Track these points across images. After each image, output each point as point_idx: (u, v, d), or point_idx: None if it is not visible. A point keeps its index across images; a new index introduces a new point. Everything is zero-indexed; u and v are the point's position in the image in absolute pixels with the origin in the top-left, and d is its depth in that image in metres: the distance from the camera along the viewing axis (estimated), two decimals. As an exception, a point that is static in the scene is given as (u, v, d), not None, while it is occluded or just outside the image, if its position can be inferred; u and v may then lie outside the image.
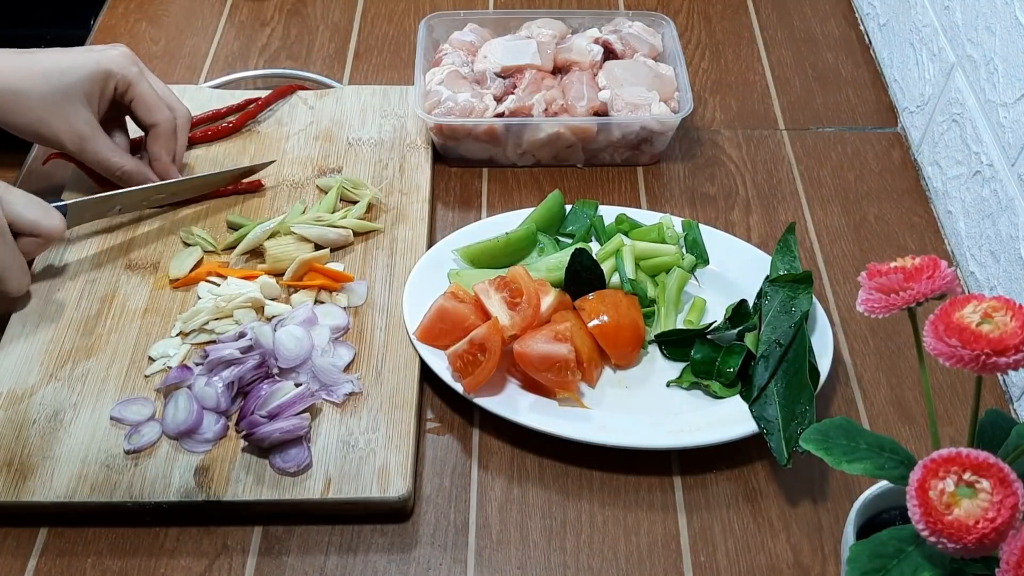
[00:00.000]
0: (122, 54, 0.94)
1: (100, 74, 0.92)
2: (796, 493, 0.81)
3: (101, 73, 0.92)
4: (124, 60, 0.94)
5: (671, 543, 0.78)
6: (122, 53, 0.94)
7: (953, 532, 0.52)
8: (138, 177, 0.97)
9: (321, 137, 1.07)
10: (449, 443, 0.84)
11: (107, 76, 0.93)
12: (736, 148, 1.10)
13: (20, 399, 0.83)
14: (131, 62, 0.95)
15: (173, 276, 0.92)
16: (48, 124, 0.91)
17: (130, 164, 0.96)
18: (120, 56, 0.94)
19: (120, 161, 0.96)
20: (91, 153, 0.94)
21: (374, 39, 1.24)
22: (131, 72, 0.94)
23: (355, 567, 0.76)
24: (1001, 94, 0.92)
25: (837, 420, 0.63)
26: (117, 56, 0.94)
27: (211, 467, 0.79)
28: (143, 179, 0.97)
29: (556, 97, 1.04)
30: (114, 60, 0.93)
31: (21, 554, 0.77)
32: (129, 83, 0.94)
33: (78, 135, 0.93)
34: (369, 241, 0.97)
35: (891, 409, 0.87)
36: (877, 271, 0.60)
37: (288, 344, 0.84)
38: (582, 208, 0.99)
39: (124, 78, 0.94)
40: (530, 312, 0.84)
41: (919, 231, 1.02)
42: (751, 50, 1.23)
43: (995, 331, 0.55)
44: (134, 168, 0.97)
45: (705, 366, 0.85)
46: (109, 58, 0.93)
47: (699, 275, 0.94)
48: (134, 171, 0.96)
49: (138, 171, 0.97)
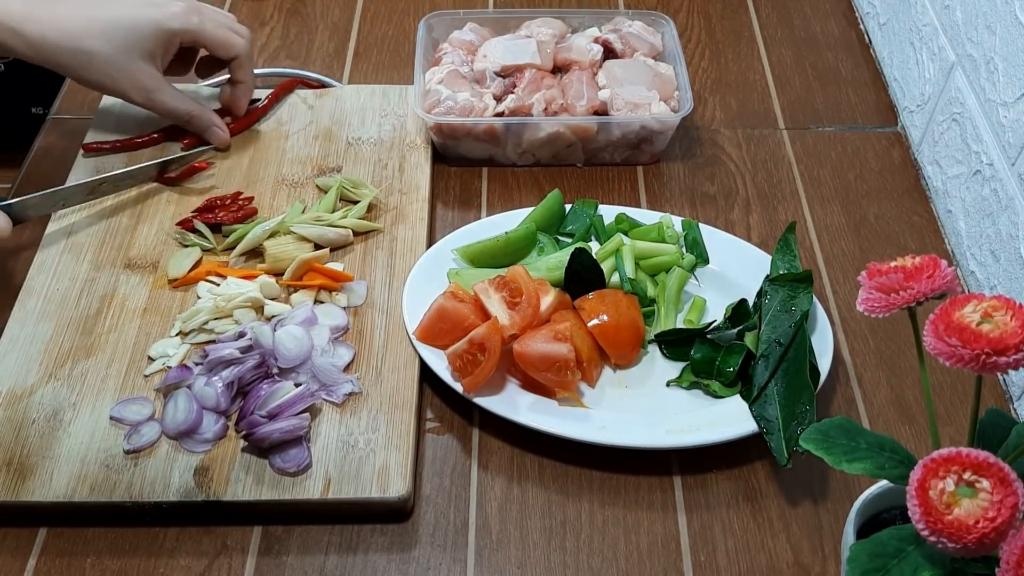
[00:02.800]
0: (182, 10, 0.96)
1: (163, 34, 0.95)
2: (796, 493, 0.81)
3: (164, 33, 0.95)
4: (184, 15, 0.96)
5: (671, 543, 0.78)
6: (182, 9, 0.96)
7: (953, 532, 0.52)
8: (205, 120, 1.02)
9: (321, 137, 1.07)
10: (449, 443, 0.84)
11: (170, 36, 0.96)
12: (736, 147, 1.10)
13: (20, 399, 0.83)
14: (192, 12, 0.97)
15: (172, 276, 0.92)
16: (114, 80, 0.95)
17: (196, 108, 1.01)
18: (180, 13, 0.96)
19: (186, 107, 1.01)
20: (159, 104, 0.99)
21: (374, 38, 1.23)
22: (192, 23, 0.97)
23: (355, 567, 0.76)
24: (1001, 93, 0.92)
25: (837, 420, 0.63)
26: (177, 13, 0.96)
27: (211, 467, 0.79)
28: (209, 122, 1.02)
29: (556, 96, 1.04)
30: (174, 18, 0.96)
31: (21, 554, 0.77)
32: (194, 34, 0.97)
33: (144, 89, 0.97)
34: (369, 241, 0.97)
35: (891, 409, 0.87)
36: (877, 271, 0.60)
37: (288, 344, 0.84)
38: (582, 208, 0.99)
39: (188, 32, 0.97)
40: (530, 312, 0.84)
41: (919, 230, 1.02)
42: (751, 49, 1.23)
43: (995, 331, 0.55)
44: (200, 111, 1.02)
45: (705, 366, 0.85)
46: (168, 16, 0.95)
47: (699, 275, 0.94)
48: (201, 114, 1.02)
49: (205, 114, 1.02)
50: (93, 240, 0.96)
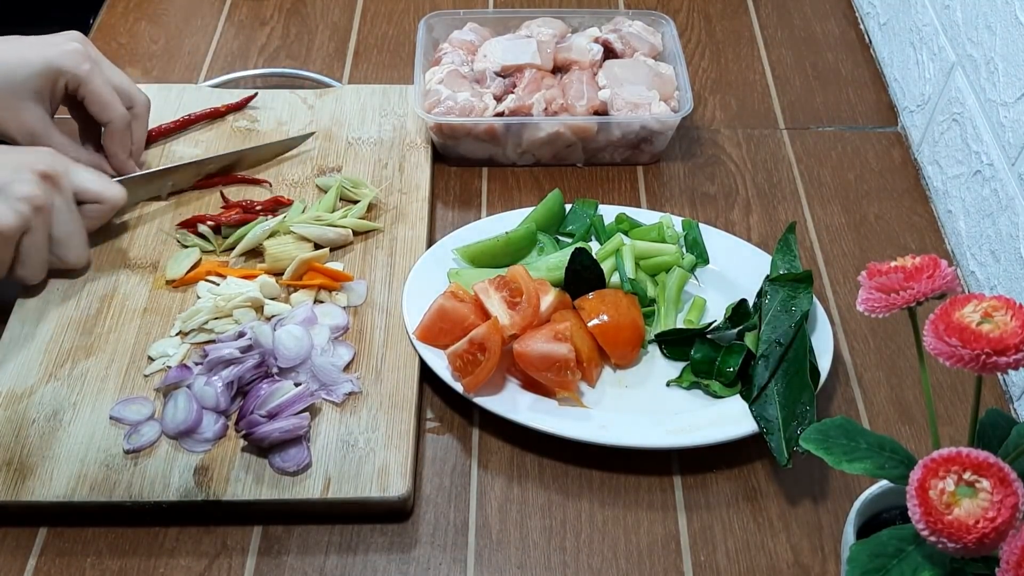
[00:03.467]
0: (74, 50, 0.91)
1: (50, 72, 0.90)
2: (796, 493, 0.81)
3: (51, 71, 0.90)
4: (76, 57, 0.91)
5: (671, 543, 0.78)
6: (74, 49, 0.91)
7: (953, 532, 0.52)
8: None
9: (321, 136, 1.07)
10: (449, 443, 0.84)
11: (57, 74, 0.90)
12: (736, 147, 1.10)
13: (20, 399, 0.83)
14: (83, 58, 0.91)
15: (170, 277, 0.92)
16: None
17: (83, 157, 0.95)
18: (72, 53, 0.90)
19: (72, 155, 0.93)
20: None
21: (374, 38, 1.23)
22: (82, 70, 0.91)
23: (355, 567, 0.76)
24: (1001, 93, 0.92)
25: (837, 420, 0.63)
26: (69, 52, 0.90)
27: (211, 467, 0.79)
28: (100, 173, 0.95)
29: (556, 96, 1.04)
30: (65, 56, 0.90)
31: (21, 554, 0.77)
32: (80, 81, 0.91)
33: (29, 132, 0.91)
34: (369, 240, 0.97)
35: (891, 409, 0.87)
36: (877, 271, 0.60)
37: (288, 343, 0.84)
38: (582, 207, 0.99)
39: (74, 76, 0.91)
40: (530, 312, 0.84)
41: (919, 231, 1.02)
42: (751, 49, 1.23)
43: (995, 331, 0.55)
44: (89, 162, 0.95)
45: (705, 366, 0.85)
46: (60, 54, 0.90)
47: (699, 275, 0.94)
48: (89, 165, 0.94)
49: (95, 165, 0.95)
50: (93, 240, 0.96)
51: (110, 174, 0.96)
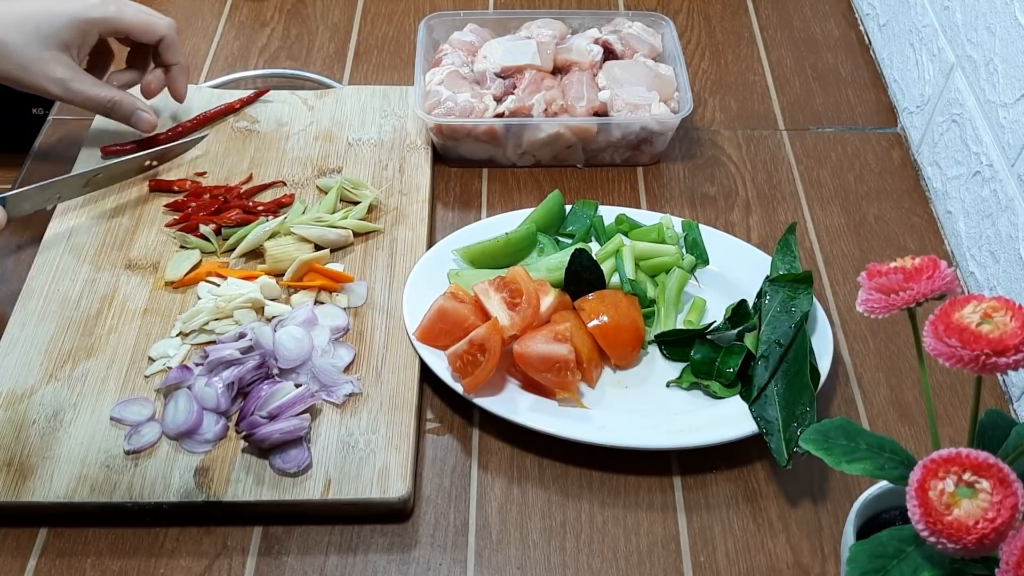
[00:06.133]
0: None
1: (79, 24, 0.92)
2: (796, 493, 0.81)
3: (80, 23, 0.92)
4: (100, 4, 0.94)
5: (671, 543, 0.78)
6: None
7: (953, 532, 0.52)
8: (128, 105, 0.98)
9: (321, 137, 1.07)
10: (449, 443, 0.84)
11: (87, 25, 0.93)
12: (736, 148, 1.10)
13: (20, 399, 0.83)
14: (108, 1, 0.94)
15: (168, 279, 0.92)
16: (27, 71, 0.92)
17: (117, 94, 0.97)
18: (96, 2, 0.93)
19: (107, 93, 0.96)
20: (77, 93, 0.95)
21: (374, 39, 1.24)
22: (110, 11, 0.94)
23: (355, 567, 0.76)
24: (1001, 94, 0.92)
25: (837, 420, 0.63)
26: (93, 3, 0.93)
27: (211, 468, 0.79)
28: (132, 107, 0.98)
29: (556, 97, 1.04)
30: (91, 7, 0.93)
31: (21, 554, 0.77)
32: (113, 23, 0.94)
33: (60, 80, 0.93)
34: (369, 241, 0.97)
35: (891, 409, 0.87)
36: (877, 271, 0.60)
37: (288, 345, 0.84)
38: (582, 208, 0.99)
39: (107, 21, 0.94)
40: (530, 312, 0.84)
41: (919, 231, 1.02)
42: (751, 50, 1.23)
43: (995, 331, 0.55)
44: (121, 96, 0.98)
45: (705, 366, 0.85)
46: (86, 6, 0.93)
47: (699, 275, 0.94)
48: (123, 99, 0.98)
49: (127, 99, 0.98)
50: (94, 241, 0.96)
51: (140, 106, 0.99)
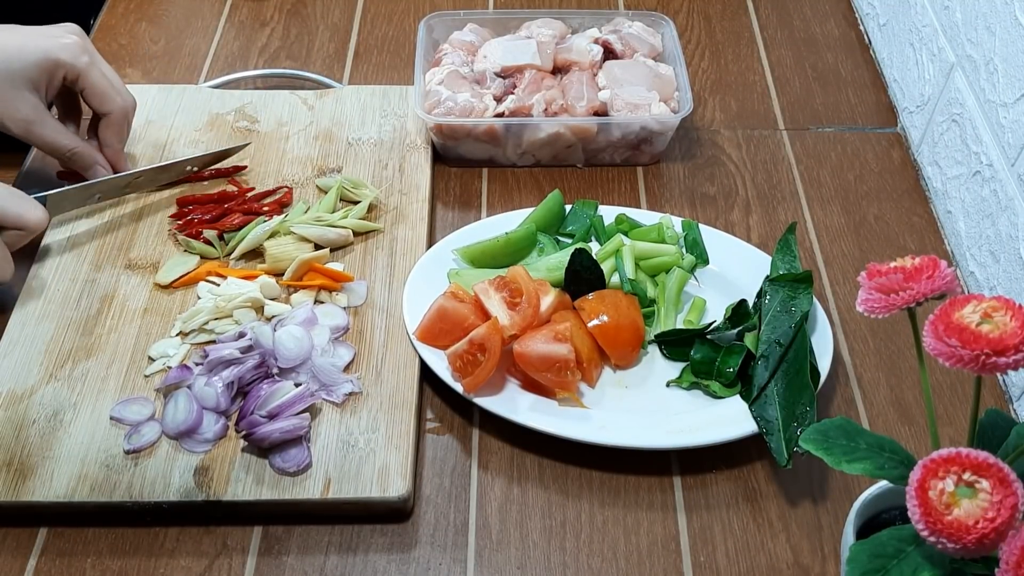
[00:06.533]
0: (73, 43, 0.92)
1: (48, 63, 0.91)
2: (796, 493, 0.81)
3: (49, 63, 0.91)
4: (74, 49, 0.92)
5: (671, 543, 0.78)
6: (73, 42, 0.92)
7: (953, 532, 0.52)
8: (87, 157, 0.96)
9: (321, 137, 1.07)
10: (449, 443, 0.84)
11: (55, 66, 0.91)
12: (736, 148, 1.10)
13: (20, 399, 0.83)
14: (81, 51, 0.92)
15: (159, 281, 0.92)
16: None
17: (79, 145, 0.96)
18: (71, 45, 0.92)
19: (68, 142, 0.95)
20: (38, 137, 0.93)
21: (374, 39, 1.24)
22: (81, 62, 0.92)
23: (355, 567, 0.76)
24: (1001, 94, 0.92)
25: (837, 420, 0.63)
26: (68, 45, 0.92)
27: (211, 467, 0.79)
28: (92, 160, 0.96)
29: (556, 97, 1.04)
30: (64, 49, 0.91)
31: (21, 554, 0.77)
32: (79, 73, 0.92)
33: (24, 120, 0.92)
34: (369, 241, 0.97)
35: (891, 409, 0.87)
36: (877, 271, 0.60)
37: (288, 344, 0.84)
38: (582, 208, 0.99)
39: (73, 68, 0.92)
40: (530, 312, 0.84)
41: (919, 231, 1.02)
42: (751, 50, 1.23)
43: (995, 331, 0.55)
44: (83, 148, 0.96)
45: (705, 366, 0.85)
46: (59, 47, 0.91)
47: (699, 275, 0.94)
48: (83, 151, 0.96)
49: (87, 151, 0.96)
50: (94, 241, 0.96)
51: (101, 162, 0.97)
